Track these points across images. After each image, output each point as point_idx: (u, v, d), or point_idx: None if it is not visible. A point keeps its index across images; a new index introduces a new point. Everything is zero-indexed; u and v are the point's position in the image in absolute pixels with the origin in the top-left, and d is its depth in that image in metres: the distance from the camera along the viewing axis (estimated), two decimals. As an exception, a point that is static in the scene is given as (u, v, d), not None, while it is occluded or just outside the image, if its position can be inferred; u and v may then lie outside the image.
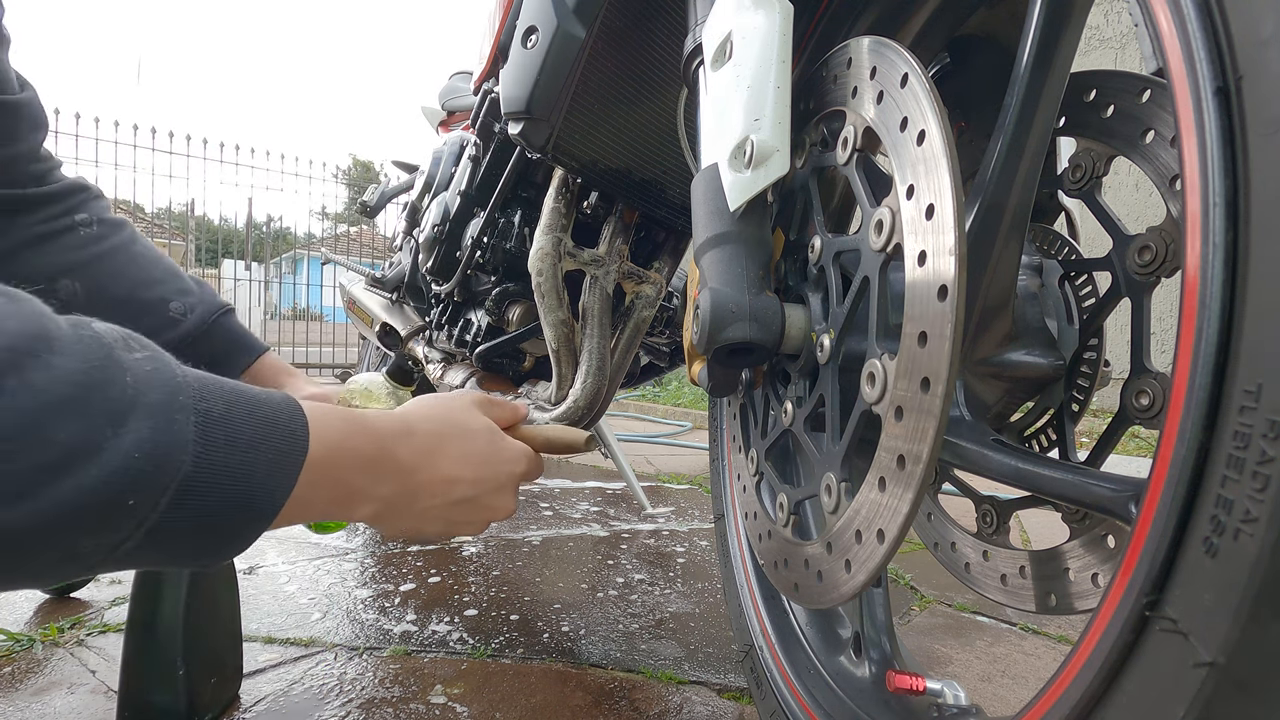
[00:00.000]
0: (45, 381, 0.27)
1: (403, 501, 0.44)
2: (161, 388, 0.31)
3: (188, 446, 0.31)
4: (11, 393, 0.26)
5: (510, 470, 0.51)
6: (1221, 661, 0.24)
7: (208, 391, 0.33)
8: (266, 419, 0.35)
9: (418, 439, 0.46)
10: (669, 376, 4.21)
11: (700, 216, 0.52)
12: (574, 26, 0.76)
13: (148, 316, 0.82)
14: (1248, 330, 0.25)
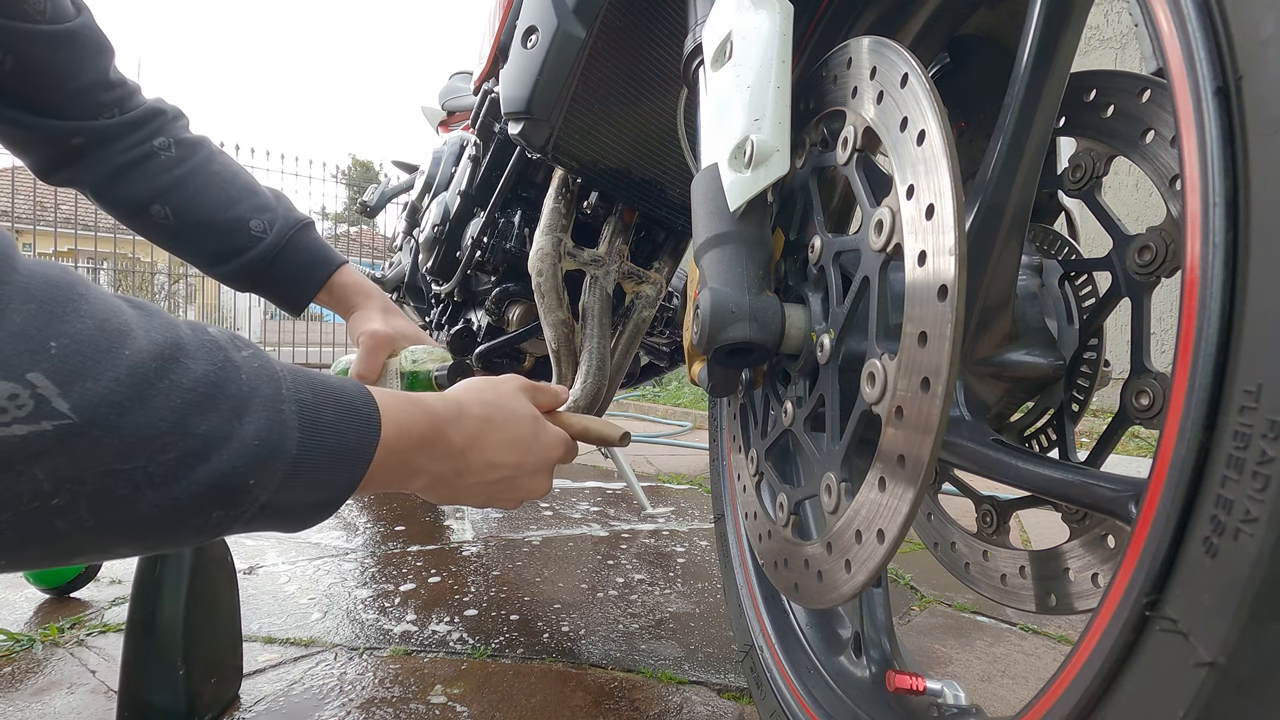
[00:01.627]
0: (187, 383, 0.32)
1: (451, 478, 0.49)
2: (268, 382, 0.36)
3: (292, 433, 0.36)
4: (164, 394, 0.31)
5: (548, 455, 0.56)
6: (1221, 661, 0.24)
7: (299, 383, 0.38)
8: (347, 406, 0.40)
9: (467, 422, 0.50)
10: (669, 376, 4.21)
11: (700, 216, 0.52)
12: (574, 26, 0.76)
13: (231, 236, 0.85)
14: (1248, 330, 0.25)
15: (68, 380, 0.28)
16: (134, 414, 0.30)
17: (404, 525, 1.41)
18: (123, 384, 0.29)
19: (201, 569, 0.69)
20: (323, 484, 0.38)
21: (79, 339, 0.29)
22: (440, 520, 1.47)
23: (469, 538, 1.35)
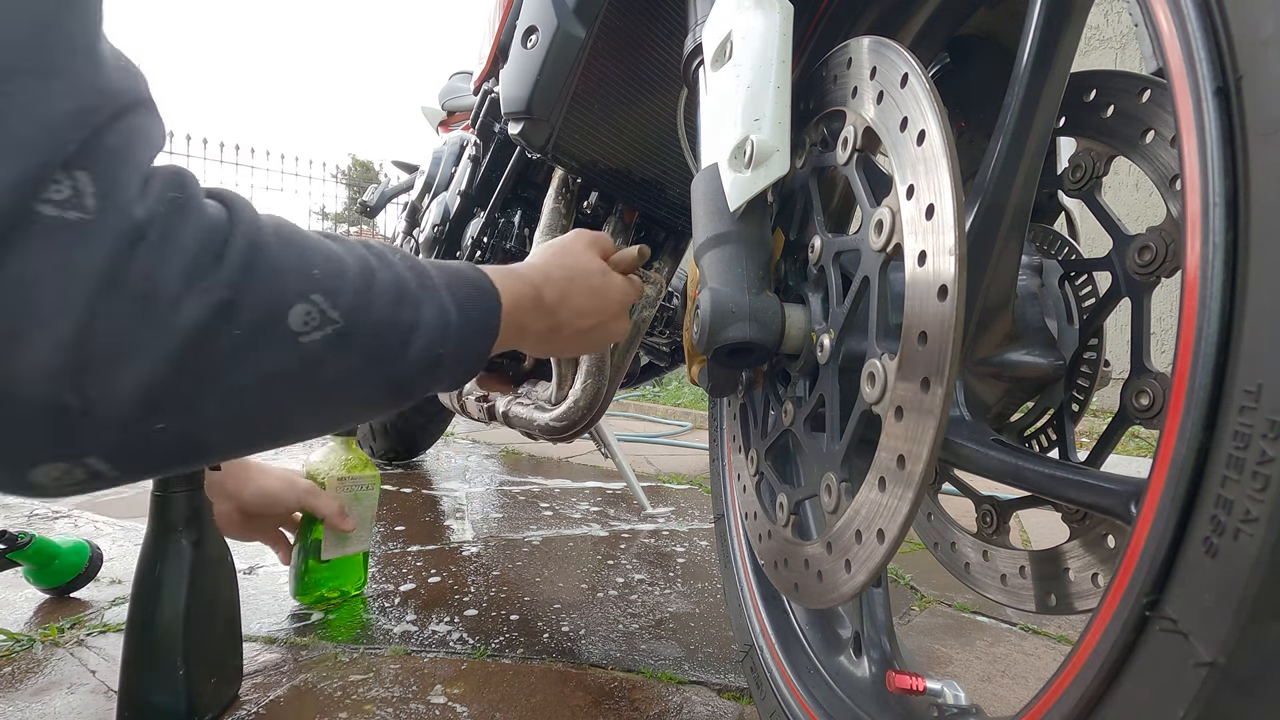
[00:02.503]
0: (386, 287, 0.41)
1: (550, 332, 0.57)
2: (422, 276, 0.45)
3: (452, 313, 0.45)
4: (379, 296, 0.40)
5: (621, 300, 0.64)
6: (1221, 661, 0.24)
7: (441, 273, 0.47)
8: (475, 284, 0.49)
9: (554, 283, 0.57)
10: (669, 376, 4.21)
11: (700, 216, 0.52)
12: (574, 26, 0.76)
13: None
14: (1248, 330, 0.25)
15: (331, 296, 0.37)
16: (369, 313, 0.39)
17: (404, 525, 1.41)
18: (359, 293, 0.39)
19: (201, 569, 0.69)
20: (472, 347, 0.48)
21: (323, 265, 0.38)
22: (440, 520, 1.47)
23: (469, 538, 1.35)
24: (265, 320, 0.34)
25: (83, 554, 1.00)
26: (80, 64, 0.30)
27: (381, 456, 2.04)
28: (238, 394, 0.34)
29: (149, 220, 0.31)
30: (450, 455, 2.24)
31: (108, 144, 0.30)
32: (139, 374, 0.30)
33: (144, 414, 0.31)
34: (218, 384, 0.33)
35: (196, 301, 0.31)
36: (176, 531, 0.69)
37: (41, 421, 0.29)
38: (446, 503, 1.62)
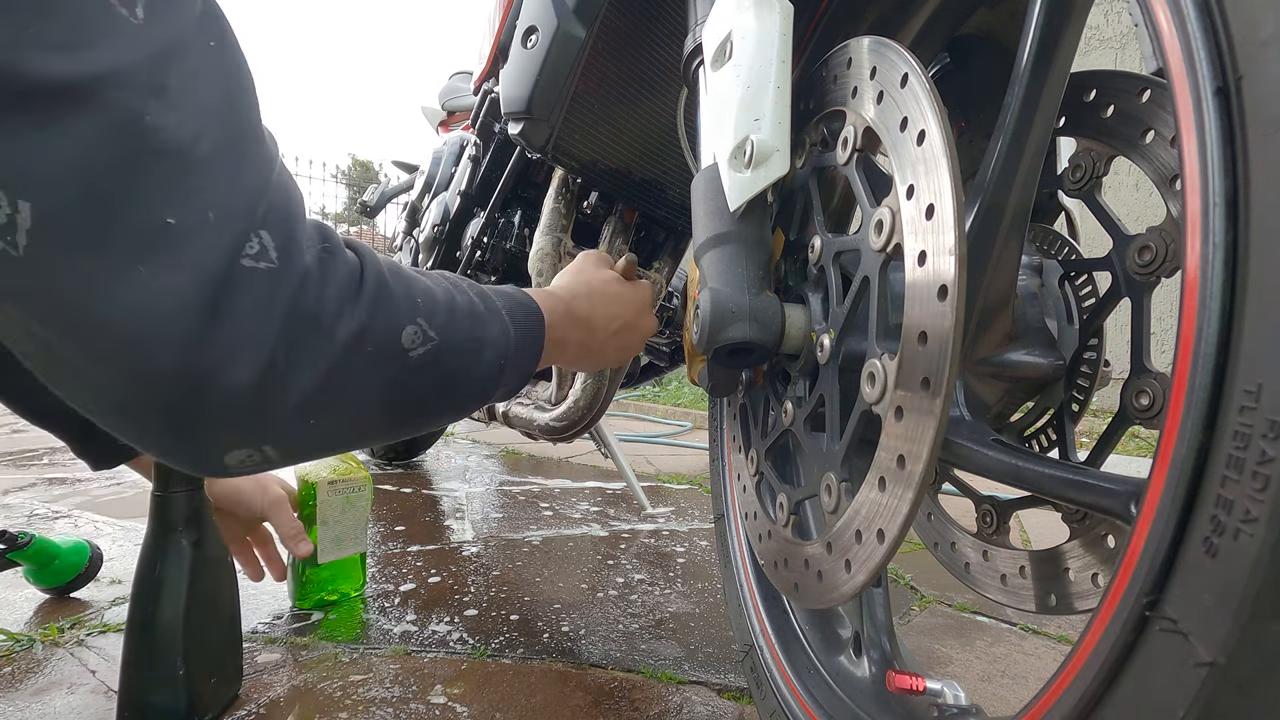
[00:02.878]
0: (463, 310, 0.49)
1: (587, 340, 0.64)
2: (486, 300, 0.52)
3: (510, 330, 0.53)
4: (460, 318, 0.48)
5: (640, 299, 0.70)
6: (1221, 661, 0.24)
7: (498, 296, 0.54)
8: (524, 305, 0.56)
9: (581, 298, 0.64)
10: (669, 376, 4.21)
11: (700, 216, 0.52)
12: (574, 26, 0.76)
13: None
14: (1248, 330, 0.25)
15: (429, 319, 0.45)
16: (455, 332, 0.47)
17: (404, 525, 1.41)
18: (448, 315, 0.47)
19: (201, 569, 0.69)
20: (525, 359, 0.55)
21: (423, 295, 0.46)
22: (440, 520, 1.47)
23: (469, 538, 1.35)
24: (387, 340, 0.43)
25: (83, 554, 1.00)
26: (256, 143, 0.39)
27: (381, 457, 2.04)
28: (366, 397, 0.43)
29: (312, 266, 0.39)
30: (450, 455, 2.24)
31: (276, 206, 0.38)
32: (305, 383, 0.39)
33: (305, 413, 0.40)
34: (353, 390, 0.42)
35: (344, 328, 0.40)
36: (176, 531, 0.69)
37: (241, 419, 0.38)
38: (446, 503, 1.62)
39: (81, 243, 0.32)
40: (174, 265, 0.34)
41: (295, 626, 0.92)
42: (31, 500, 1.51)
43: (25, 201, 0.31)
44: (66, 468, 1.87)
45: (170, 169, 0.34)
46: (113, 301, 0.33)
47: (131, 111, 0.32)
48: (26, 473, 1.80)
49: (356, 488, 1.01)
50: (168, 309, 0.34)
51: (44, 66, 0.30)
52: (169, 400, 0.35)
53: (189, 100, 0.35)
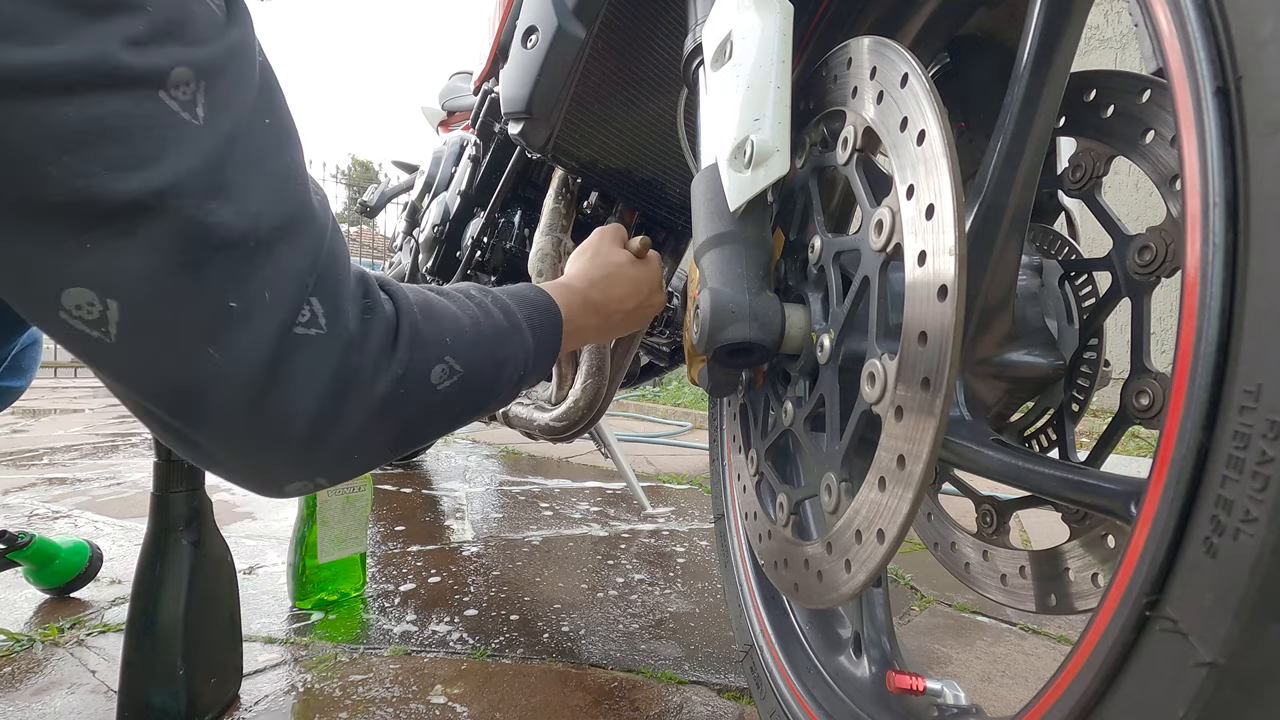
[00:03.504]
0: (490, 333, 0.54)
1: (602, 323, 0.68)
2: (509, 315, 0.56)
3: (530, 343, 0.57)
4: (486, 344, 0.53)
5: (651, 278, 0.74)
6: (1221, 661, 0.24)
7: (520, 306, 0.58)
8: (544, 309, 0.60)
9: (597, 285, 0.68)
10: (669, 376, 4.21)
11: (700, 216, 0.52)
12: (574, 26, 0.76)
13: None
14: (1248, 330, 0.25)
15: (456, 356, 0.50)
16: (478, 362, 0.52)
17: (404, 525, 1.41)
18: (473, 348, 0.52)
19: (201, 569, 0.69)
20: (543, 364, 0.60)
21: (451, 331, 0.50)
22: (440, 520, 1.47)
23: (469, 538, 1.35)
24: (419, 381, 0.48)
25: (83, 554, 1.00)
26: (308, 219, 0.43)
27: (381, 456, 2.04)
28: (399, 430, 0.48)
29: (355, 329, 0.44)
30: (450, 455, 2.24)
31: (325, 274, 0.43)
32: (350, 428, 0.44)
33: (349, 452, 0.46)
34: (388, 427, 0.47)
35: (382, 381, 0.45)
36: (176, 531, 0.69)
37: (296, 463, 0.44)
38: (446, 503, 1.62)
39: (160, 332, 0.37)
40: (237, 345, 0.39)
41: (295, 626, 0.92)
42: (31, 500, 1.51)
43: (113, 300, 0.36)
44: (66, 468, 1.87)
45: (230, 259, 0.38)
46: (189, 377, 0.39)
47: (194, 215, 0.36)
48: (26, 473, 1.80)
49: (356, 488, 1.01)
50: (235, 381, 0.39)
51: (120, 187, 0.34)
52: (240, 450, 0.42)
53: (246, 191, 0.39)
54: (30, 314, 0.37)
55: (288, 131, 0.43)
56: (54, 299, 0.35)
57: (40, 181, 0.33)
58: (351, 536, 1.02)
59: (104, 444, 2.27)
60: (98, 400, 3.71)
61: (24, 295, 0.36)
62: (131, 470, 1.85)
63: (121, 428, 2.66)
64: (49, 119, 0.32)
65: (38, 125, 0.32)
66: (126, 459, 2.02)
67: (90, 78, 0.33)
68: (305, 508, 0.97)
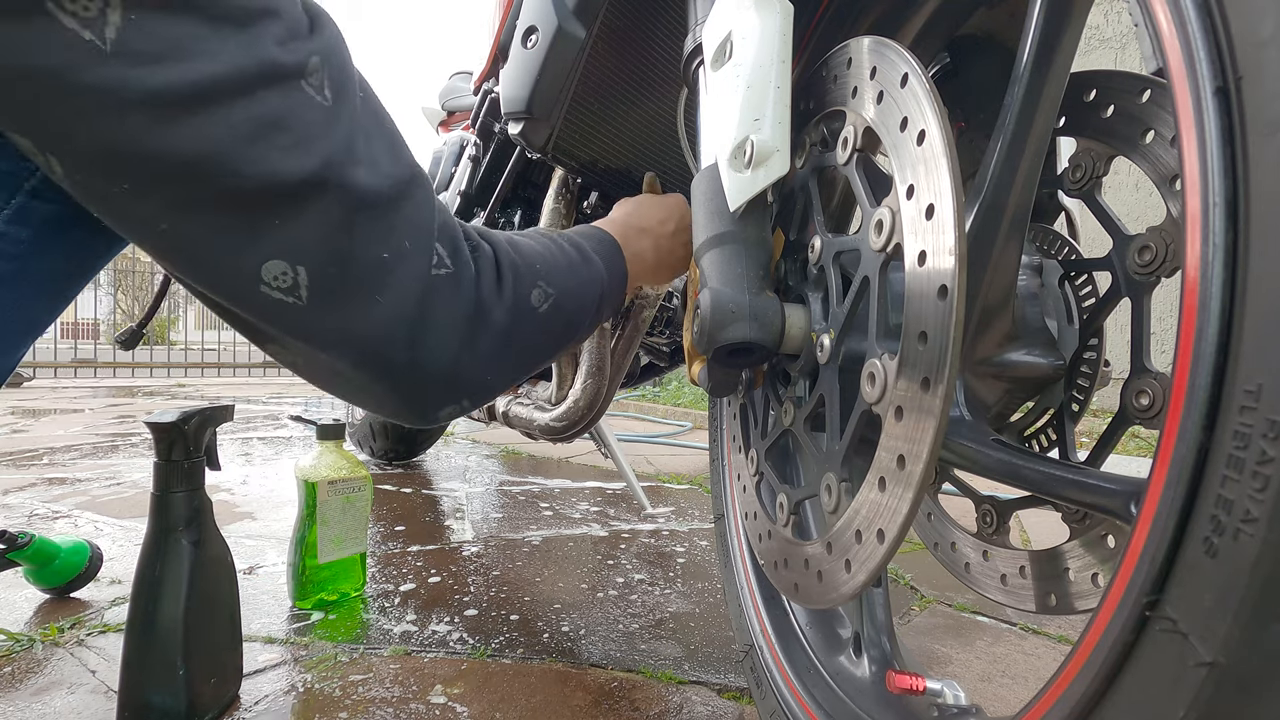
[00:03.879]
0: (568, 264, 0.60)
1: (655, 246, 0.71)
2: (580, 249, 0.62)
3: (601, 268, 0.63)
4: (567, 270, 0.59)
5: (678, 203, 0.76)
6: (1221, 661, 0.24)
7: (586, 239, 0.64)
8: (603, 240, 0.66)
9: (633, 215, 0.73)
10: (669, 376, 4.21)
11: (700, 216, 0.52)
12: (574, 26, 0.76)
13: None
14: (1248, 330, 0.25)
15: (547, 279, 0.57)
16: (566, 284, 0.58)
17: (404, 525, 1.41)
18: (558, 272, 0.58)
19: (201, 568, 0.69)
20: (617, 284, 0.66)
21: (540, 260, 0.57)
22: (440, 520, 1.47)
23: (469, 538, 1.35)
24: (524, 306, 0.55)
25: (83, 554, 1.00)
26: (420, 173, 0.48)
27: (381, 457, 2.04)
28: (517, 352, 0.55)
29: (473, 265, 0.51)
30: (450, 455, 2.24)
31: (443, 222, 0.50)
32: (484, 352, 0.52)
33: (485, 373, 0.53)
34: (510, 349, 0.54)
35: (499, 309, 0.53)
36: (176, 531, 0.69)
37: (451, 385, 0.51)
38: (446, 503, 1.62)
39: (338, 287, 0.43)
40: (395, 290, 0.45)
41: (295, 626, 0.92)
42: (31, 500, 1.51)
43: (301, 266, 0.42)
44: (66, 468, 1.87)
45: (376, 217, 0.44)
46: (365, 325, 0.45)
47: (346, 183, 0.42)
48: (26, 473, 1.80)
49: (356, 488, 1.01)
50: (399, 322, 0.46)
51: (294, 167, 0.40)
52: (404, 385, 0.49)
53: (374, 157, 0.44)
54: (233, 293, 0.42)
55: (380, 103, 0.48)
56: (256, 273, 0.41)
57: (235, 174, 0.38)
58: (351, 536, 1.02)
59: (104, 444, 2.27)
60: (98, 400, 3.71)
61: (230, 275, 0.41)
62: (131, 470, 1.85)
63: (121, 428, 2.66)
64: (233, 119, 0.37)
65: (225, 126, 0.37)
66: (126, 459, 2.02)
67: (257, 78, 0.38)
68: (305, 508, 0.97)
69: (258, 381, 5.48)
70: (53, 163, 0.37)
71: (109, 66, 0.34)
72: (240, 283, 0.41)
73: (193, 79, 0.36)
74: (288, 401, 3.88)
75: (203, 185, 0.37)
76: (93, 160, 0.36)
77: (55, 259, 0.43)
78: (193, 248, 0.40)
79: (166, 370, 5.40)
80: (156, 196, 0.37)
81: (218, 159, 0.37)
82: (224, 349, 7.00)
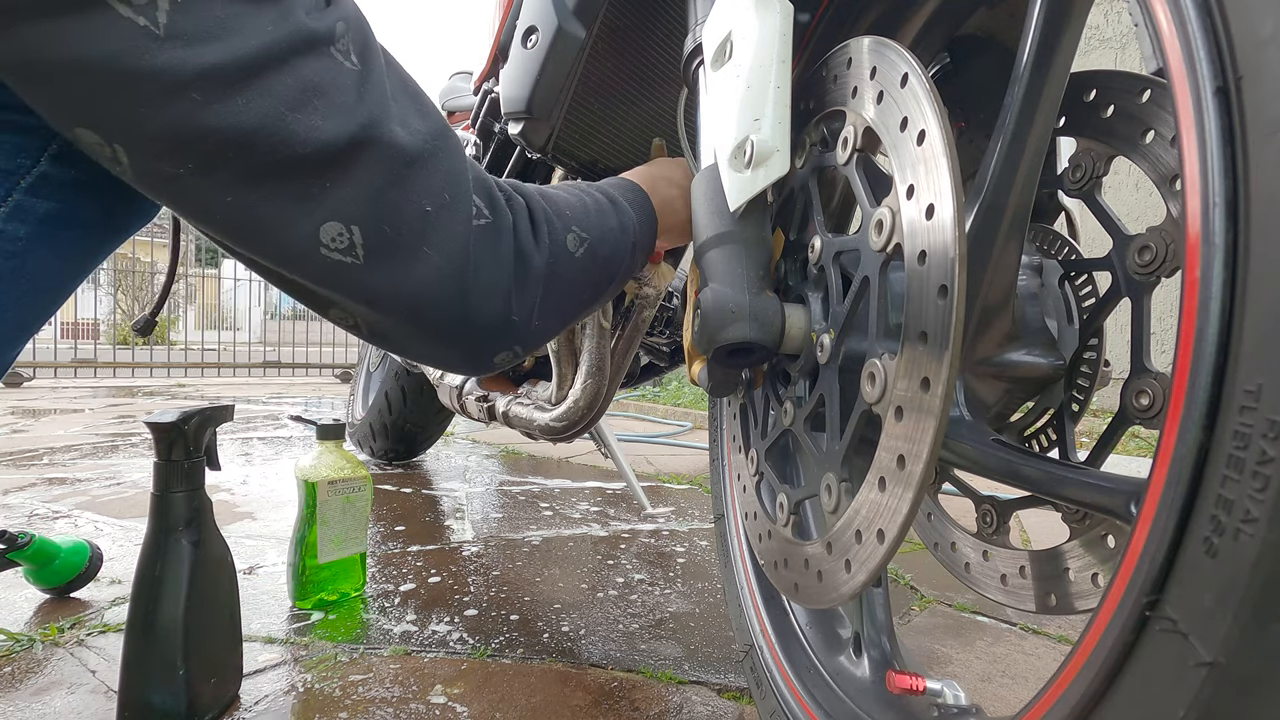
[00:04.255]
0: (599, 211, 0.61)
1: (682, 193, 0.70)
2: (610, 196, 0.63)
3: (630, 214, 0.64)
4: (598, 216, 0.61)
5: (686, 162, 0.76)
6: (1221, 661, 0.24)
7: (614, 188, 0.65)
8: (631, 189, 0.66)
9: (654, 166, 0.73)
10: (669, 376, 4.21)
11: (700, 216, 0.52)
12: (574, 26, 0.76)
13: None
14: (1248, 330, 0.25)
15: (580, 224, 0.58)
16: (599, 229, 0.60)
17: (404, 525, 1.41)
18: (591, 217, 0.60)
19: (201, 568, 0.69)
20: (648, 228, 0.66)
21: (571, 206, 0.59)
22: (440, 520, 1.47)
23: (469, 538, 1.35)
24: (561, 251, 0.56)
25: (83, 554, 1.00)
26: (449, 129, 0.50)
27: (381, 457, 2.04)
28: (561, 297, 0.57)
29: (508, 215, 0.52)
30: (450, 455, 2.24)
31: (477, 175, 0.51)
32: (531, 298, 0.54)
33: (533, 318, 0.55)
34: (553, 293, 0.56)
35: (539, 256, 0.54)
36: (176, 531, 0.69)
37: (502, 331, 0.53)
38: (446, 503, 1.62)
39: (391, 243, 0.45)
40: (441, 241, 0.47)
41: (295, 626, 0.92)
42: (31, 500, 1.51)
43: (355, 225, 0.43)
44: (66, 468, 1.87)
45: (417, 171, 0.45)
46: (418, 278, 0.47)
47: (387, 140, 0.44)
48: (26, 473, 1.80)
49: (356, 488, 1.01)
50: (449, 272, 0.48)
51: (338, 129, 0.41)
52: (459, 335, 0.51)
53: (406, 114, 0.46)
54: (296, 258, 0.43)
55: (401, 66, 0.50)
56: (314, 237, 0.43)
57: (287, 141, 0.39)
58: (351, 536, 1.02)
59: (104, 444, 2.27)
60: (98, 400, 3.71)
61: (291, 241, 0.43)
62: (131, 470, 1.85)
63: (121, 428, 2.66)
64: (278, 89, 0.39)
65: (272, 96, 0.39)
66: (126, 459, 2.02)
67: (294, 48, 0.40)
68: (305, 508, 0.97)
69: (258, 381, 5.48)
70: (119, 153, 0.38)
71: (164, 50, 0.35)
72: (301, 248, 0.43)
73: (240, 54, 0.37)
74: (288, 401, 3.88)
75: (259, 156, 0.39)
76: (157, 145, 0.37)
77: (52, 257, 0.44)
78: (256, 219, 0.41)
79: (166, 370, 5.40)
80: (219, 173, 0.39)
81: (270, 129, 0.39)
82: (224, 349, 7.00)
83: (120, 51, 0.34)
